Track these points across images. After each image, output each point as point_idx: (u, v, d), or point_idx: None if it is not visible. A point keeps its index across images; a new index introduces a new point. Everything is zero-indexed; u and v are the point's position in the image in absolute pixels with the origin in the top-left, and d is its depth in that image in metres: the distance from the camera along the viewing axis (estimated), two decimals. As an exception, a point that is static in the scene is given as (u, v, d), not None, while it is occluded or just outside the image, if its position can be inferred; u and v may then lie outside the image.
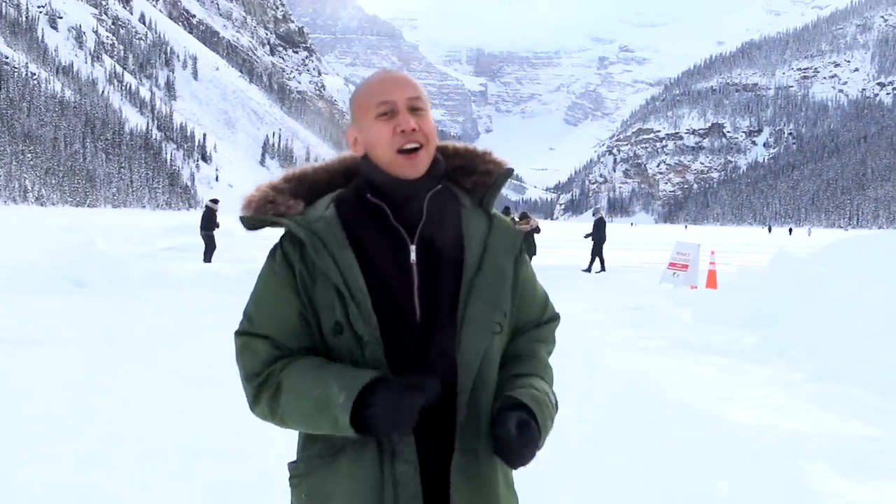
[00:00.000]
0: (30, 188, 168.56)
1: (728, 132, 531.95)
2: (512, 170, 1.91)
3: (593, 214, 26.17)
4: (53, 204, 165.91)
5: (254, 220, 1.80)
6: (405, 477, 1.68)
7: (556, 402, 1.88)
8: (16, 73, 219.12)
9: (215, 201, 24.38)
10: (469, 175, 1.89)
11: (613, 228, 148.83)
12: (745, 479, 5.13)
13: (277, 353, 1.75)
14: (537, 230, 23.59)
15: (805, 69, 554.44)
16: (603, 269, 24.95)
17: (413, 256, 1.75)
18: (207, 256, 23.15)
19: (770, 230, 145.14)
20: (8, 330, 9.95)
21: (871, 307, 9.71)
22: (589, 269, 24.76)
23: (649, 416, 6.71)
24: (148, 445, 5.45)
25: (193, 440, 5.61)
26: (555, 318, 2.02)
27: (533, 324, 1.96)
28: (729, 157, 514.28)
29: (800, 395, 7.54)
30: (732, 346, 10.12)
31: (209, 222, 23.21)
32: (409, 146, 1.74)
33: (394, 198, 1.77)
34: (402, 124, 1.73)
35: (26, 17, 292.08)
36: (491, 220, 1.86)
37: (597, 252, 25.01)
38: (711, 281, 18.11)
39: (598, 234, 25.12)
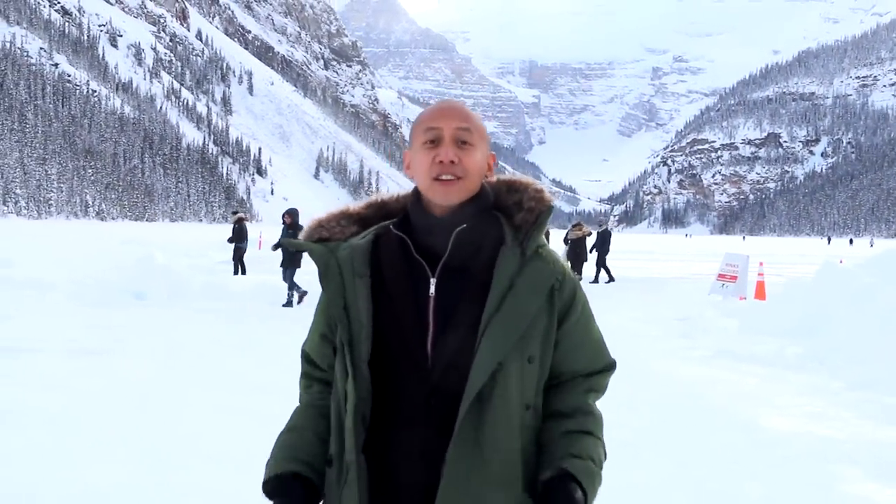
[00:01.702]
0: (91, 203, 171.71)
1: (785, 142, 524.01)
2: (551, 207, 1.86)
3: (599, 226, 26.32)
4: (113, 218, 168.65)
5: (293, 245, 1.91)
6: (350, 501, 1.72)
7: (606, 454, 1.86)
8: (77, 91, 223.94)
9: (236, 213, 25.35)
10: (519, 211, 1.86)
11: (669, 240, 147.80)
12: (776, 481, 5.28)
13: (311, 371, 1.93)
14: (590, 234, 24.59)
15: (864, 77, 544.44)
16: (597, 279, 25.19)
17: (432, 289, 1.75)
18: (242, 269, 23.79)
19: (829, 241, 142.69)
20: (74, 341, 10.42)
21: (915, 318, 9.79)
22: (596, 280, 25.06)
23: (688, 422, 6.91)
24: (209, 448, 5.75)
25: (252, 444, 5.83)
26: (609, 367, 1.94)
27: (582, 373, 1.88)
28: (786, 167, 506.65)
29: (838, 403, 7.68)
30: (776, 356, 10.25)
31: (240, 235, 23.92)
32: (444, 177, 1.75)
33: (419, 231, 1.80)
34: (440, 154, 1.75)
35: (88, 37, 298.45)
36: (525, 259, 1.79)
37: (601, 263, 25.27)
38: (760, 292, 18.13)
39: (602, 247, 25.33)
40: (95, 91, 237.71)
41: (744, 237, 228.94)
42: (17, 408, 6.78)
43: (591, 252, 25.19)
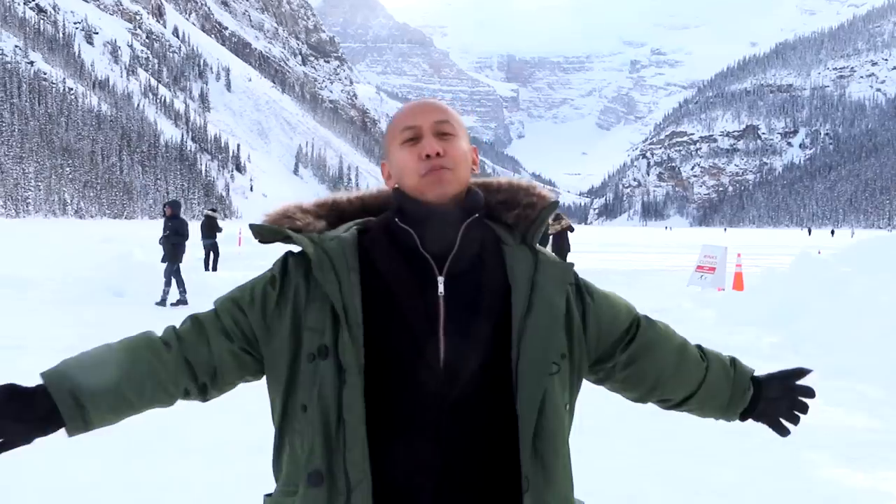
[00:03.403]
0: (69, 201, 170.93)
1: (763, 134, 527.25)
2: (557, 202, 1.78)
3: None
4: (92, 216, 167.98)
5: (265, 230, 1.70)
6: None
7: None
8: (54, 89, 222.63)
9: (214, 210, 25.00)
10: (511, 209, 1.76)
11: (649, 232, 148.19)
12: (747, 467, 5.39)
13: (202, 320, 1.71)
14: (571, 229, 24.62)
15: (841, 69, 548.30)
16: None
17: (441, 289, 1.61)
18: (214, 265, 23.56)
19: (810, 232, 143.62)
20: (55, 338, 10.43)
21: (887, 306, 9.94)
22: None
23: (661, 410, 6.99)
24: (190, 443, 5.81)
25: (231, 437, 5.91)
26: (640, 318, 1.91)
27: (631, 332, 1.86)
28: (764, 159, 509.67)
29: (811, 391, 7.79)
30: (751, 346, 10.37)
31: (211, 230, 23.64)
32: (433, 171, 1.63)
33: (424, 225, 1.64)
34: (425, 148, 1.63)
35: (63, 34, 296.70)
36: (536, 257, 1.71)
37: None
38: (738, 283, 18.29)
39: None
40: (72, 89, 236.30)
41: (725, 229, 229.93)
42: (-2, 405, 6.80)
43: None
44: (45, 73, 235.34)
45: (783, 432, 1.91)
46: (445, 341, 1.57)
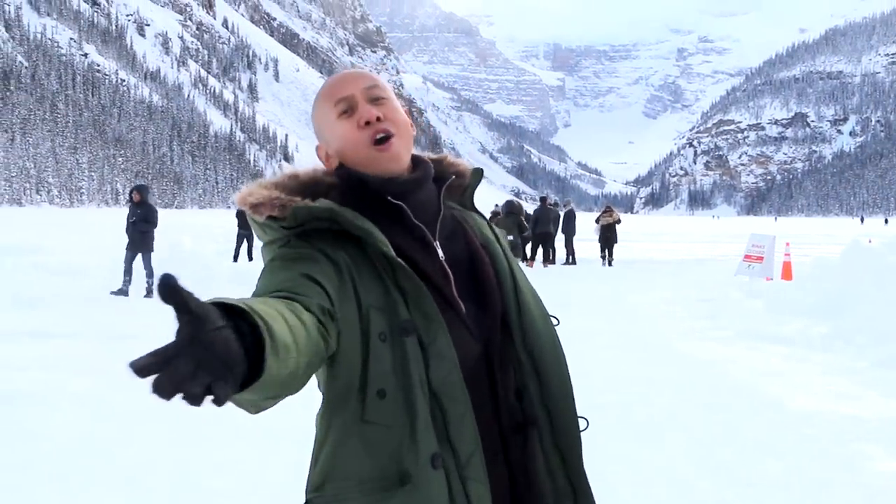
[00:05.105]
0: (121, 191, 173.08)
1: (812, 121, 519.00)
2: (482, 170, 1.78)
3: (563, 206, 26.05)
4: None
5: (306, 211, 1.49)
6: (480, 499, 1.49)
7: None
8: (107, 80, 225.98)
9: None
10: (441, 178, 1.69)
11: (695, 221, 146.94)
12: (798, 459, 5.30)
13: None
14: (619, 221, 24.79)
15: (893, 54, 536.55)
16: (573, 261, 24.67)
17: (441, 253, 1.58)
18: (249, 254, 23.50)
19: (862, 220, 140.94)
20: (107, 325, 10.63)
21: (941, 296, 9.75)
22: (574, 262, 24.60)
23: (710, 400, 6.96)
24: (238, 429, 5.79)
25: (277, 424, 5.94)
26: None
27: None
28: (813, 147, 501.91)
29: (863, 382, 7.68)
30: (801, 336, 10.23)
31: (247, 222, 23.67)
32: (378, 136, 1.55)
33: (407, 197, 1.58)
34: (363, 116, 1.56)
35: (116, 26, 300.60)
36: (485, 219, 1.75)
37: (569, 244, 24.97)
38: (787, 272, 18.06)
39: (567, 227, 25.10)
40: (124, 80, 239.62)
41: (776, 218, 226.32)
42: (52, 391, 6.95)
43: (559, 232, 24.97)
44: (98, 65, 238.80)
45: None
46: (463, 304, 1.56)
